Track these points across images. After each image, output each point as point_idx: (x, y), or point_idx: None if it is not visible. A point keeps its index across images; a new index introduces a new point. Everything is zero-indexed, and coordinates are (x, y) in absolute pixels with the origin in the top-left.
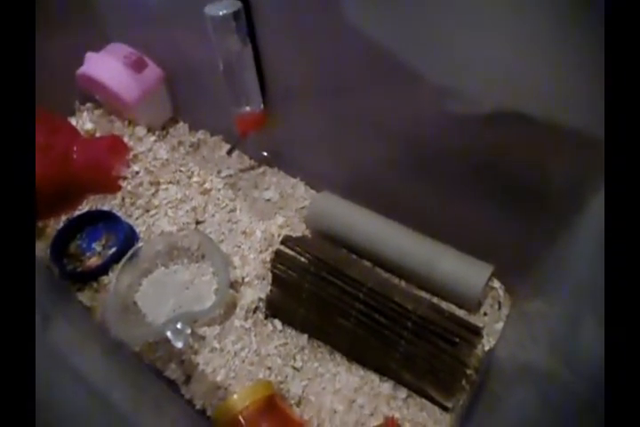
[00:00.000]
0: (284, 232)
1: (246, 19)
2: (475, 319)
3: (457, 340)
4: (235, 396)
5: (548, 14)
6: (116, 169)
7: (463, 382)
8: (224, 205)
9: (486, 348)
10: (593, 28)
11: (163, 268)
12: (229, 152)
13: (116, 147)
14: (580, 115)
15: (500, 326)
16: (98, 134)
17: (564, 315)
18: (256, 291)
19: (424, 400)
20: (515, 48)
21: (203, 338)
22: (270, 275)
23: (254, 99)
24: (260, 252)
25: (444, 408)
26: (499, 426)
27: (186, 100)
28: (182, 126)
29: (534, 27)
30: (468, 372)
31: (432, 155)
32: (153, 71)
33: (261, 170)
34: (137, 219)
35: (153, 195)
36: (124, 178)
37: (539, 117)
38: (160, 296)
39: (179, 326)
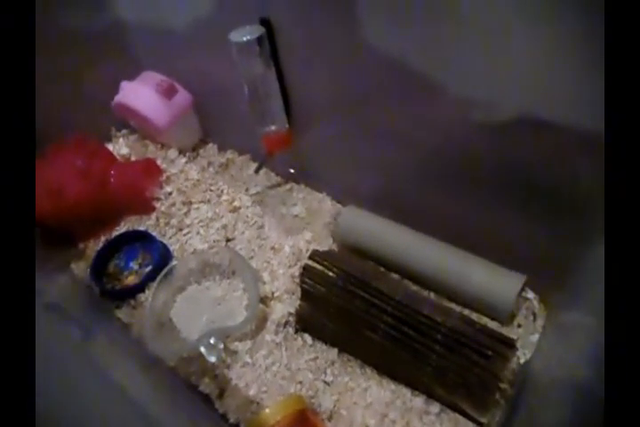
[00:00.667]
0: (312, 247)
1: (269, 42)
2: (508, 331)
3: (490, 353)
4: (267, 410)
5: (566, 21)
6: (150, 190)
7: (497, 396)
8: (253, 222)
9: (521, 361)
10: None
11: (196, 284)
12: (257, 170)
13: (150, 169)
14: (602, 118)
15: (535, 337)
16: (133, 158)
17: (601, 326)
18: (286, 305)
19: (457, 415)
20: (533, 56)
21: (235, 353)
22: (299, 289)
23: (279, 118)
24: (289, 267)
25: (479, 424)
26: None
27: (214, 121)
28: (211, 147)
29: (553, 35)
30: (502, 386)
31: (457, 165)
32: (183, 96)
33: (288, 186)
34: (170, 238)
35: (185, 214)
36: (158, 199)
37: (562, 123)
38: (194, 312)
39: (212, 341)
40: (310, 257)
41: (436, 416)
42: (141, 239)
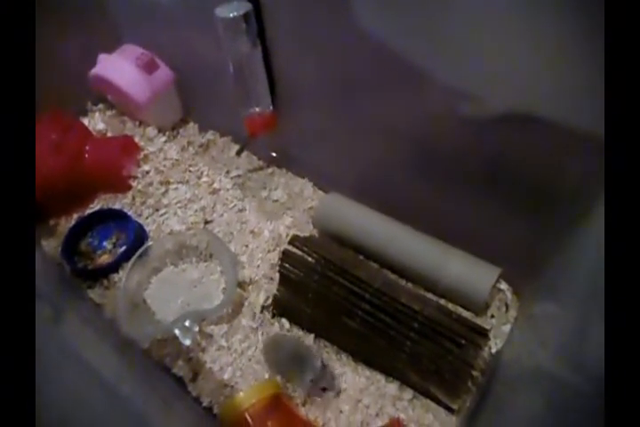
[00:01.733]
0: (292, 232)
1: (256, 20)
2: (482, 321)
3: (463, 341)
4: (241, 394)
5: (560, 15)
6: (126, 168)
7: (469, 383)
8: (232, 205)
9: (493, 350)
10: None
11: (172, 266)
12: (238, 153)
13: (128, 147)
14: (593, 116)
15: (507, 328)
16: (109, 135)
17: (573, 318)
18: (263, 290)
19: (430, 401)
20: (525, 50)
21: (210, 336)
22: (277, 274)
23: (264, 100)
24: (268, 251)
25: (450, 410)
26: (506, 424)
27: (196, 100)
28: (192, 127)
29: (545, 29)
30: (474, 373)
31: (441, 156)
32: (164, 72)
33: (270, 170)
34: (147, 218)
35: (163, 194)
36: (135, 177)
37: (550, 119)
38: (169, 294)
39: (187, 323)
40: (290, 242)
41: (409, 402)
42: (116, 218)
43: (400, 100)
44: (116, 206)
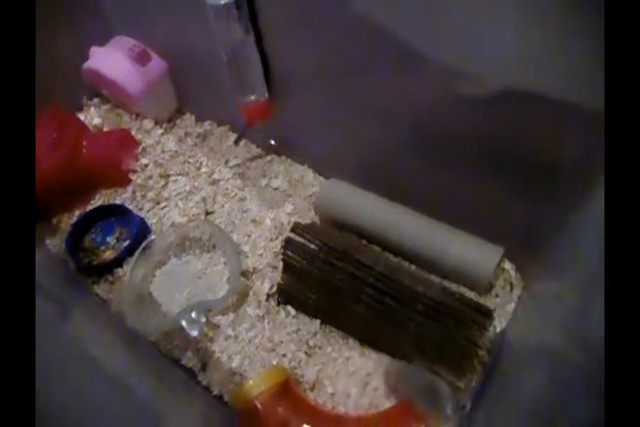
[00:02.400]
0: (294, 220)
1: (248, 7)
2: (486, 301)
3: (468, 322)
4: (250, 382)
5: None
6: (125, 162)
7: (474, 362)
8: (233, 194)
9: (498, 329)
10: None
11: (175, 259)
12: (236, 142)
13: (125, 140)
14: (592, 94)
15: (511, 307)
16: (106, 129)
17: (576, 296)
18: (268, 279)
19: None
20: (522, 26)
21: (217, 326)
22: (281, 263)
23: (259, 88)
24: (271, 240)
25: (457, 389)
26: (510, 406)
27: (191, 91)
28: (189, 118)
29: (541, 4)
30: (480, 353)
31: (441, 137)
32: (157, 63)
33: (269, 158)
34: (148, 211)
35: (163, 187)
36: (134, 171)
37: (549, 96)
38: (174, 287)
39: (193, 315)
40: (292, 230)
41: None
42: (117, 213)
43: (397, 82)
44: (117, 201)
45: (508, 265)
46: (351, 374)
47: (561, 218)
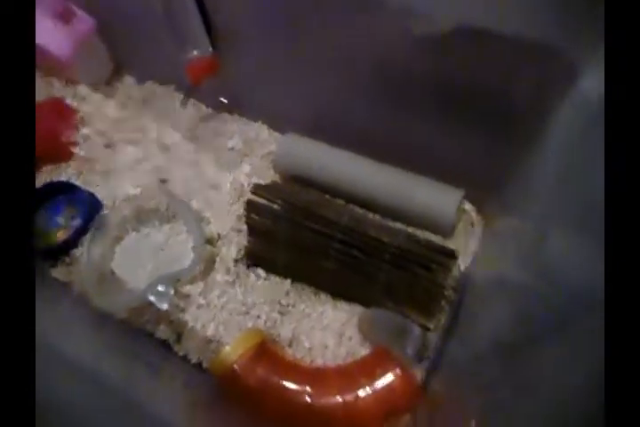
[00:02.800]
0: (253, 180)
1: None
2: (450, 243)
3: (433, 265)
4: (227, 347)
5: None
6: (64, 135)
7: (442, 303)
8: (187, 160)
9: (462, 268)
10: None
11: (134, 233)
12: (183, 102)
13: (60, 110)
14: (544, 26)
15: (473, 245)
16: (37, 100)
17: (532, 229)
18: (234, 243)
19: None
20: None
21: (187, 296)
22: (245, 226)
23: (201, 41)
24: (232, 204)
25: (427, 329)
26: (478, 339)
27: (127, 49)
28: (128, 79)
29: None
30: (446, 293)
31: (396, 81)
32: (83, 20)
33: (220, 117)
34: (97, 186)
35: (109, 158)
36: (75, 143)
37: (502, 34)
38: (136, 262)
39: (160, 288)
40: (252, 192)
41: None
42: (64, 191)
43: (349, 26)
44: (62, 178)
45: (468, 206)
46: (326, 327)
47: (516, 156)
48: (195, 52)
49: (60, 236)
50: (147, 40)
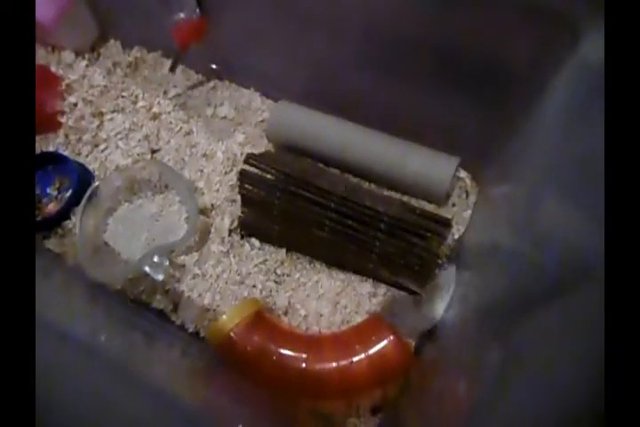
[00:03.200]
0: (247, 150)
1: None
2: (445, 211)
3: (428, 234)
4: (223, 316)
5: None
6: (50, 104)
7: (436, 270)
8: (178, 128)
9: (456, 236)
10: None
11: (127, 204)
12: (172, 68)
13: (45, 78)
14: None
15: (467, 213)
16: None
17: (526, 196)
18: (228, 214)
19: (402, 293)
20: None
21: (183, 266)
22: (239, 196)
23: (188, 3)
24: (225, 173)
25: (421, 296)
26: (470, 307)
27: (111, 13)
28: (114, 45)
29: None
30: (440, 261)
31: (389, 47)
32: None
33: (211, 85)
34: (87, 156)
35: (98, 127)
36: (62, 112)
37: None
38: (130, 233)
39: (155, 259)
40: (246, 161)
41: (383, 296)
42: (54, 161)
43: None
44: (50, 149)
45: (463, 174)
46: (321, 295)
47: (512, 124)
48: (181, 15)
49: (52, 207)
50: (131, 2)
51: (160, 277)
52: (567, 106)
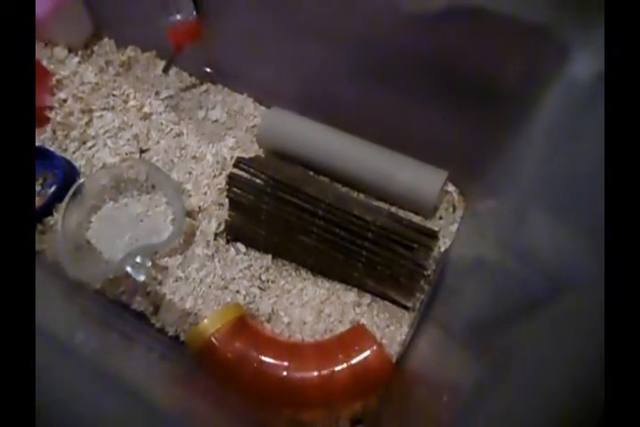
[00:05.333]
0: (237, 154)
1: None
2: (432, 224)
3: (415, 245)
4: (205, 320)
5: None
6: (39, 98)
7: (422, 282)
8: (168, 129)
9: (442, 249)
10: None
11: (111, 202)
12: (165, 70)
13: (36, 72)
14: (538, 7)
15: (454, 227)
16: None
17: (513, 212)
18: (215, 217)
19: (387, 303)
20: None
21: (165, 269)
22: (227, 200)
23: (185, 5)
24: (214, 176)
25: (405, 308)
26: (455, 317)
27: (107, 11)
28: (108, 43)
29: None
30: (426, 273)
31: (385, 59)
32: None
33: (204, 88)
34: (74, 153)
35: (87, 124)
36: (51, 108)
37: (495, 12)
38: (114, 232)
39: (138, 259)
40: (235, 165)
41: (368, 306)
42: (39, 156)
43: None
44: (37, 143)
45: (451, 188)
46: (305, 303)
47: (502, 139)
48: (177, 16)
49: (35, 202)
50: (128, 1)
51: (142, 278)
52: (555, 122)
